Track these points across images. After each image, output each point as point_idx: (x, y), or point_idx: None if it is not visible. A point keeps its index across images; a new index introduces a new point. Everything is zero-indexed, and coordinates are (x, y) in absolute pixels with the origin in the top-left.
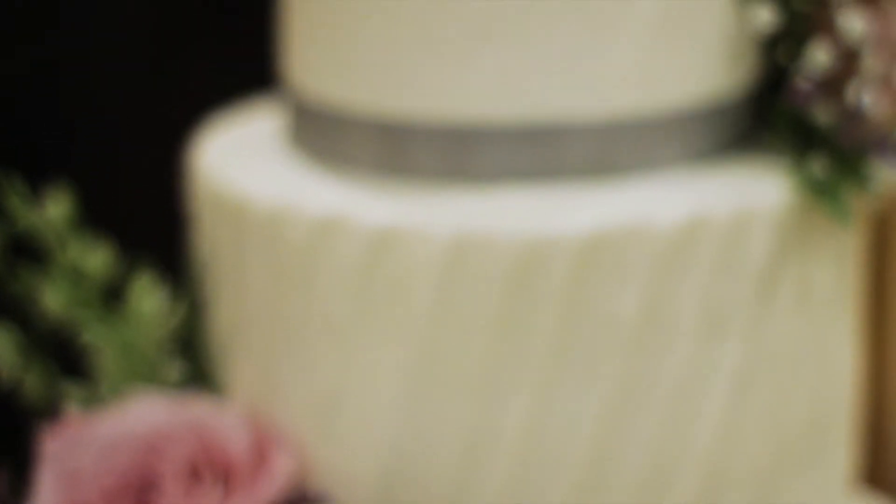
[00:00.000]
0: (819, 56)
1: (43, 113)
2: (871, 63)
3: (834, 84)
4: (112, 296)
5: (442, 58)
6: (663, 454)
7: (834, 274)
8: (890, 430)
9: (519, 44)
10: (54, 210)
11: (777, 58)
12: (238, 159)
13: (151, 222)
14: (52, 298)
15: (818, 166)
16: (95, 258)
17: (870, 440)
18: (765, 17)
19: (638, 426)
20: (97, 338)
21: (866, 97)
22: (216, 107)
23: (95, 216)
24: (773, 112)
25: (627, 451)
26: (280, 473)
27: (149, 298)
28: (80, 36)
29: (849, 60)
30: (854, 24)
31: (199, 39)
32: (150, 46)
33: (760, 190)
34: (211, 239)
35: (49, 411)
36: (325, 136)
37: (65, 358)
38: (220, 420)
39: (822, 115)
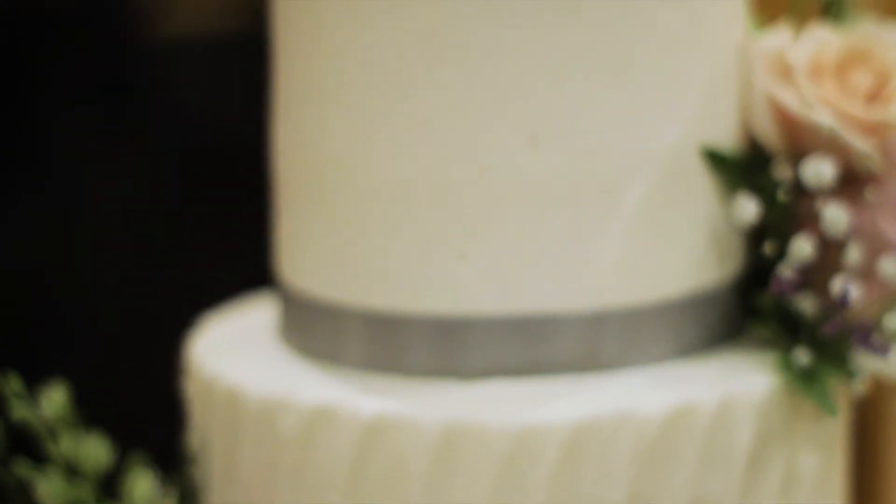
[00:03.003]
0: (803, 248)
1: (43, 308)
2: (855, 254)
3: (818, 275)
4: (107, 487)
5: (430, 253)
6: None
7: (819, 458)
8: None
9: (506, 239)
10: (49, 406)
11: (762, 249)
12: (231, 351)
13: (148, 414)
14: (47, 493)
15: (803, 355)
16: (89, 452)
17: None
18: (750, 211)
19: None
20: None
21: (851, 288)
22: (215, 302)
23: (92, 408)
24: (759, 301)
25: None
26: None
27: (142, 491)
28: (78, 231)
29: (832, 252)
30: (838, 216)
31: (198, 235)
32: (150, 241)
33: (746, 378)
34: (203, 429)
35: None
36: (316, 328)
37: None
38: None
39: (807, 305)
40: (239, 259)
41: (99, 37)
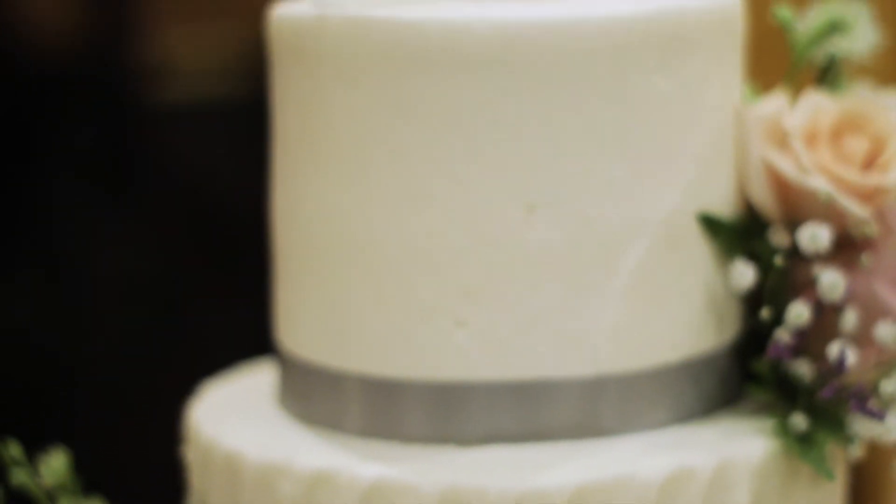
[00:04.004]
0: (801, 313)
1: (43, 374)
2: (851, 320)
3: (815, 339)
4: None
5: (428, 320)
6: None
7: None
8: None
9: (504, 306)
10: (48, 473)
11: (759, 313)
12: (230, 417)
13: (148, 480)
14: None
15: (801, 420)
16: None
17: None
18: (748, 276)
19: None
20: None
21: (848, 354)
22: (216, 368)
23: (93, 474)
24: (756, 366)
25: None
26: None
27: None
28: (78, 297)
29: (829, 316)
30: (835, 281)
31: (199, 301)
32: (150, 307)
33: (743, 442)
34: (202, 495)
35: None
36: (314, 394)
37: None
38: None
39: (804, 370)
40: (240, 325)
41: (99, 102)
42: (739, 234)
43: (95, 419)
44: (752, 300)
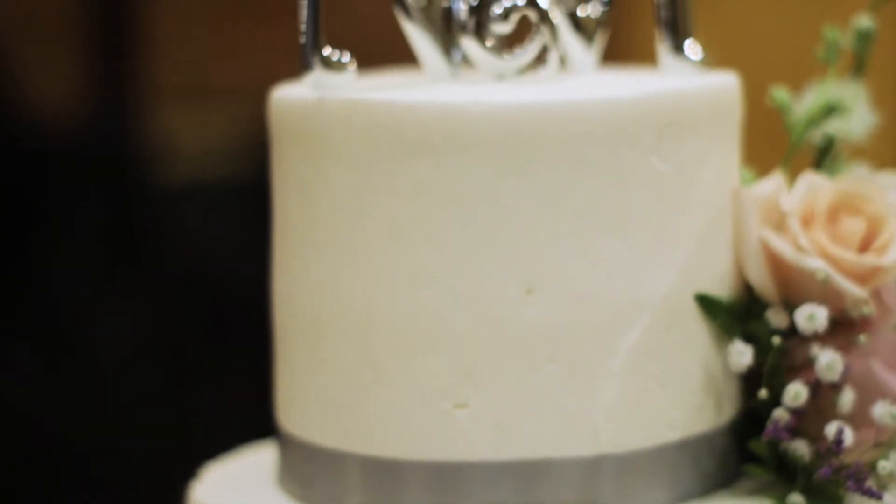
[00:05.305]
0: (799, 393)
1: (44, 451)
2: (849, 399)
3: (812, 418)
4: None
5: (428, 401)
6: None
7: None
8: None
9: (504, 386)
10: None
11: (756, 392)
12: (232, 496)
13: None
14: None
15: (798, 499)
16: None
17: None
18: (746, 357)
19: None
20: None
21: (846, 433)
22: (217, 449)
23: None
24: (754, 445)
25: None
26: None
27: None
28: (81, 375)
29: (826, 395)
30: (834, 361)
31: (203, 383)
32: (154, 389)
33: None
34: None
35: None
36: (314, 476)
37: None
38: None
39: (802, 449)
40: (241, 406)
41: (103, 182)
42: (737, 314)
43: (97, 500)
44: (749, 380)
